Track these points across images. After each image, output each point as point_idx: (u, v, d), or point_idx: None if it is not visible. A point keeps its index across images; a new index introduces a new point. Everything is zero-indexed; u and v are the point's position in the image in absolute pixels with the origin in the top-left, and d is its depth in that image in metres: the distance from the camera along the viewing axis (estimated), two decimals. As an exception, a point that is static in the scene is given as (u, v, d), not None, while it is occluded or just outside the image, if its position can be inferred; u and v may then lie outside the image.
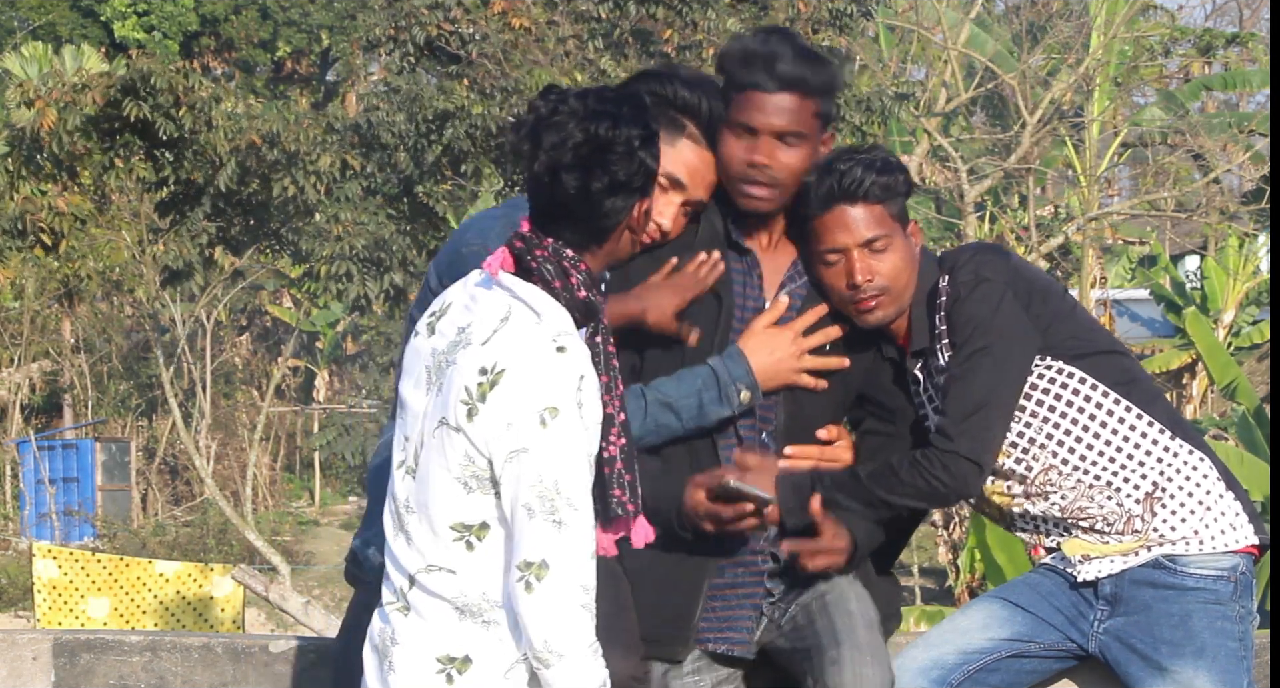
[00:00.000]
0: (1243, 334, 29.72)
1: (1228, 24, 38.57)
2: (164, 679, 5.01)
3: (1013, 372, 4.05)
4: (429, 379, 3.49)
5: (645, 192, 3.51)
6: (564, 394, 3.36)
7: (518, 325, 3.42)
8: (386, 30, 18.18)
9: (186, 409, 27.10)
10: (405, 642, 3.47)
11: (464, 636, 3.43)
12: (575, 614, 3.35)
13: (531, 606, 3.34)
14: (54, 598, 16.52)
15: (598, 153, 3.43)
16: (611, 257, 3.55)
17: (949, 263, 4.12)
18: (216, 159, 18.74)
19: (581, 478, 3.37)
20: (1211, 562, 4.09)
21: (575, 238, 3.49)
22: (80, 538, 25.74)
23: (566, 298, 3.45)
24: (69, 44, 34.46)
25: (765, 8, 18.37)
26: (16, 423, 28.27)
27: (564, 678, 3.35)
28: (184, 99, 18.60)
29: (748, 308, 4.10)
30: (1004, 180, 26.12)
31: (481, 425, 3.37)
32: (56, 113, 19.22)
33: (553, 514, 3.34)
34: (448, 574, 3.43)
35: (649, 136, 3.49)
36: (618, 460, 3.49)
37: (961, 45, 23.70)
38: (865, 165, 4.02)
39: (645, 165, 3.47)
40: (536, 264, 3.46)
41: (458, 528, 3.42)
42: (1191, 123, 26.42)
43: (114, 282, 24.32)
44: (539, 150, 3.45)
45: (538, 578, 3.33)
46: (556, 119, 3.44)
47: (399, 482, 3.52)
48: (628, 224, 3.51)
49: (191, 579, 16.50)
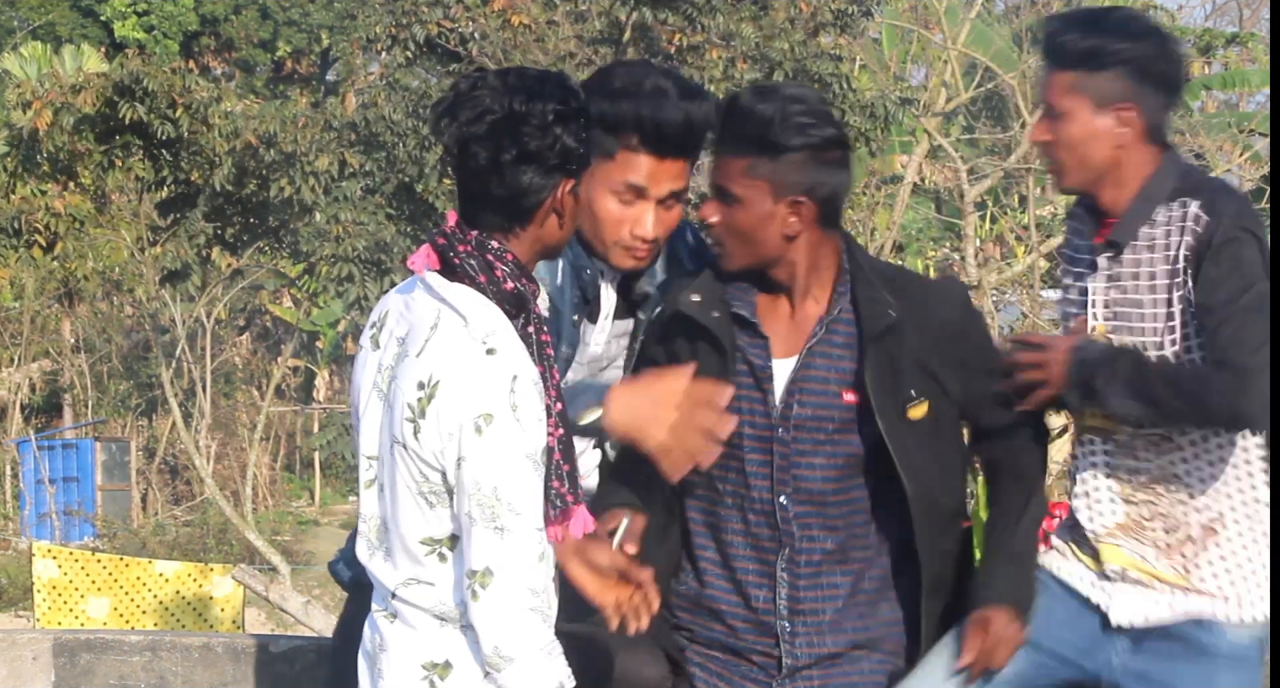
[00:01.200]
0: (1243, 334, 29.68)
1: (1228, 24, 38.58)
2: (164, 679, 5.01)
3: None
4: (379, 395, 3.46)
5: (567, 171, 3.42)
6: (497, 398, 3.31)
7: (446, 333, 3.37)
8: (387, 28, 18.17)
9: (186, 409, 27.07)
10: (393, 649, 3.47)
11: (445, 642, 3.42)
12: (523, 618, 3.32)
13: (479, 613, 3.32)
14: (54, 598, 16.50)
15: (510, 125, 3.36)
16: (541, 243, 3.46)
17: (1203, 193, 3.91)
18: (215, 159, 18.74)
19: (522, 481, 3.32)
20: (1247, 631, 3.95)
21: (497, 221, 3.42)
22: (80, 538, 25.71)
23: (494, 292, 3.39)
24: (69, 44, 34.46)
25: (766, 8, 18.36)
26: (16, 423, 28.25)
27: (516, 681, 3.33)
28: (179, 100, 18.59)
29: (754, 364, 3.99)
30: (1004, 180, 26.10)
31: (426, 440, 3.34)
32: (52, 114, 19.22)
33: (493, 521, 3.30)
34: (426, 587, 3.42)
35: (568, 113, 3.40)
36: (555, 451, 3.43)
37: (964, 44, 23.66)
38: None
39: (562, 141, 3.39)
40: (459, 260, 3.40)
41: (428, 543, 3.41)
42: (1191, 123, 26.40)
43: (114, 282, 24.31)
44: (454, 124, 3.39)
45: (482, 586, 3.31)
46: (475, 94, 3.39)
47: (372, 499, 3.50)
48: (553, 206, 3.43)
49: (191, 579, 16.48)
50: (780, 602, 3.99)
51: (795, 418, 3.96)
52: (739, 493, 4.01)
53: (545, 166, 3.39)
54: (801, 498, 3.96)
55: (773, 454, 3.97)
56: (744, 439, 3.97)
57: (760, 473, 3.98)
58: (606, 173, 4.04)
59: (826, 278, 4.00)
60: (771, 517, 3.98)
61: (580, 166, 3.45)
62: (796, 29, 17.77)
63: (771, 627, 4.00)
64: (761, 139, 3.88)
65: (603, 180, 4.04)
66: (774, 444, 3.97)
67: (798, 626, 3.99)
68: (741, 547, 4.01)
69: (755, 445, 3.98)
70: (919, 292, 4.03)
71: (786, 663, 3.99)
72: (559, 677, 3.36)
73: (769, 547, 3.99)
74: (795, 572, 3.98)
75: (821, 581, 3.99)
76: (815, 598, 3.99)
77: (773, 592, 4.00)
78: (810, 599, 3.99)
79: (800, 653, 3.99)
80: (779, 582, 3.99)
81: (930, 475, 3.95)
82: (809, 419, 3.96)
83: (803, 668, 4.00)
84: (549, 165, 3.39)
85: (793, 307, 4.01)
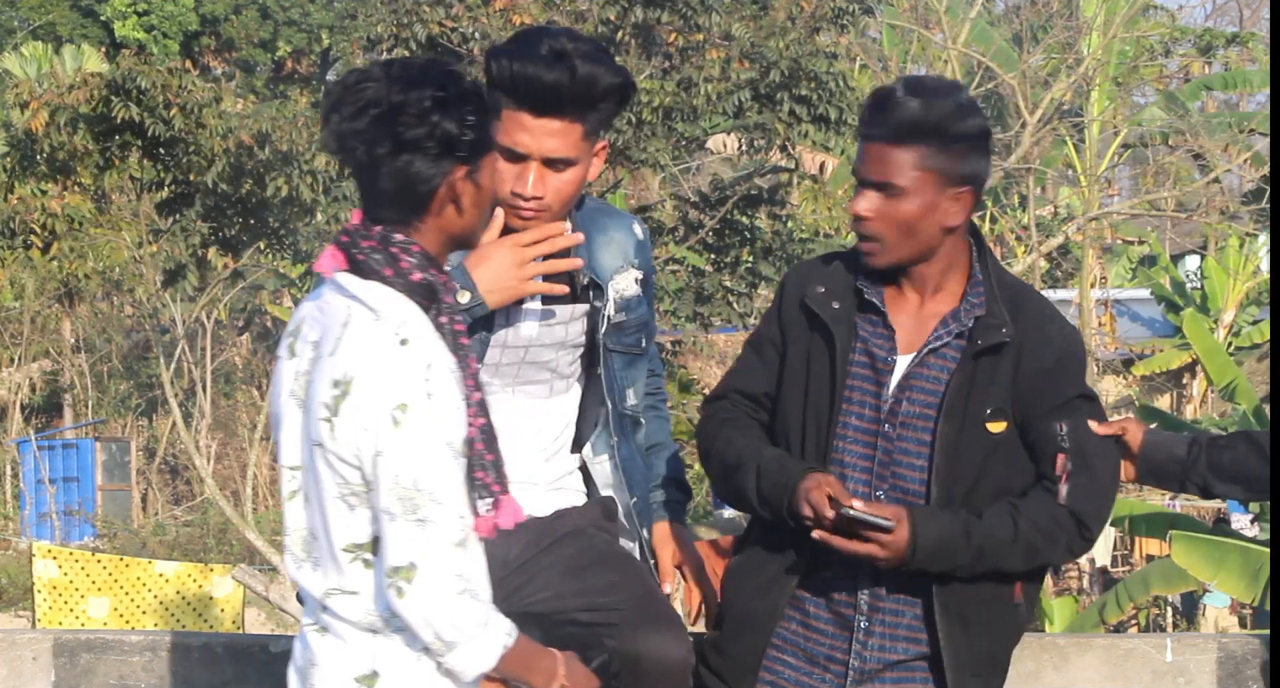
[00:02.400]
0: (1243, 334, 29.72)
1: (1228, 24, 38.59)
2: (164, 679, 5.01)
3: None
4: (296, 402, 3.41)
5: (455, 157, 3.38)
6: (412, 388, 3.27)
7: (357, 328, 3.33)
8: (388, 28, 18.17)
9: (186, 409, 27.08)
10: (323, 664, 3.43)
11: (374, 651, 3.39)
12: (454, 604, 3.29)
13: (408, 610, 3.29)
14: (54, 598, 16.52)
15: (387, 117, 3.34)
16: (445, 233, 3.43)
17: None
18: (212, 158, 18.74)
19: (442, 469, 3.29)
20: None
21: (395, 215, 3.39)
22: (80, 538, 25.73)
23: (402, 284, 3.36)
24: (69, 44, 34.50)
25: (766, 7, 18.37)
26: (16, 423, 28.28)
27: (463, 661, 3.33)
28: (174, 99, 18.59)
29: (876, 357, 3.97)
30: (1004, 180, 26.11)
31: (342, 438, 3.31)
32: (49, 114, 19.23)
33: (414, 513, 3.27)
34: (351, 596, 3.39)
35: (446, 100, 3.35)
36: (477, 441, 3.40)
37: (965, 42, 23.68)
38: None
39: (442, 128, 3.35)
40: (364, 257, 3.37)
41: (350, 549, 3.37)
42: (1192, 123, 26.41)
43: (114, 282, 24.33)
44: (335, 119, 3.37)
45: (407, 581, 3.28)
46: (358, 88, 3.37)
47: (296, 511, 3.45)
48: (448, 195, 3.40)
49: (191, 579, 16.50)
50: (861, 598, 3.96)
51: (903, 414, 3.94)
52: None
53: (429, 155, 3.36)
54: (896, 496, 3.93)
55: (876, 449, 3.95)
56: (849, 431, 3.96)
57: (860, 466, 3.95)
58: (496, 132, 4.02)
59: (958, 278, 4.01)
60: None
61: (473, 153, 3.40)
62: (797, 27, 17.76)
63: (849, 622, 3.97)
64: (936, 129, 3.88)
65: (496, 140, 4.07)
66: (878, 439, 3.95)
67: (875, 625, 3.96)
68: None
69: (858, 438, 3.96)
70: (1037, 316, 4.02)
71: (854, 665, 3.97)
72: (501, 641, 3.34)
73: None
74: (880, 570, 3.94)
75: (901, 582, 3.95)
76: (897, 600, 3.96)
77: (854, 588, 3.97)
78: (892, 600, 3.96)
79: (870, 655, 3.97)
80: (861, 579, 3.96)
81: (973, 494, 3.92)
82: (916, 417, 3.94)
83: (871, 674, 3.97)
84: (432, 154, 3.36)
85: (921, 303, 4.00)
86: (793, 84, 16.89)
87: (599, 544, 4.21)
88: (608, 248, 4.24)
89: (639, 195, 24.47)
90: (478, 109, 3.41)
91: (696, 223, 18.88)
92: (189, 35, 37.36)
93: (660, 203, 21.23)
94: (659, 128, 17.18)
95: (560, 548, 4.18)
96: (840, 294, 3.97)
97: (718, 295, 18.52)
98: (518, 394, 4.20)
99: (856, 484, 3.94)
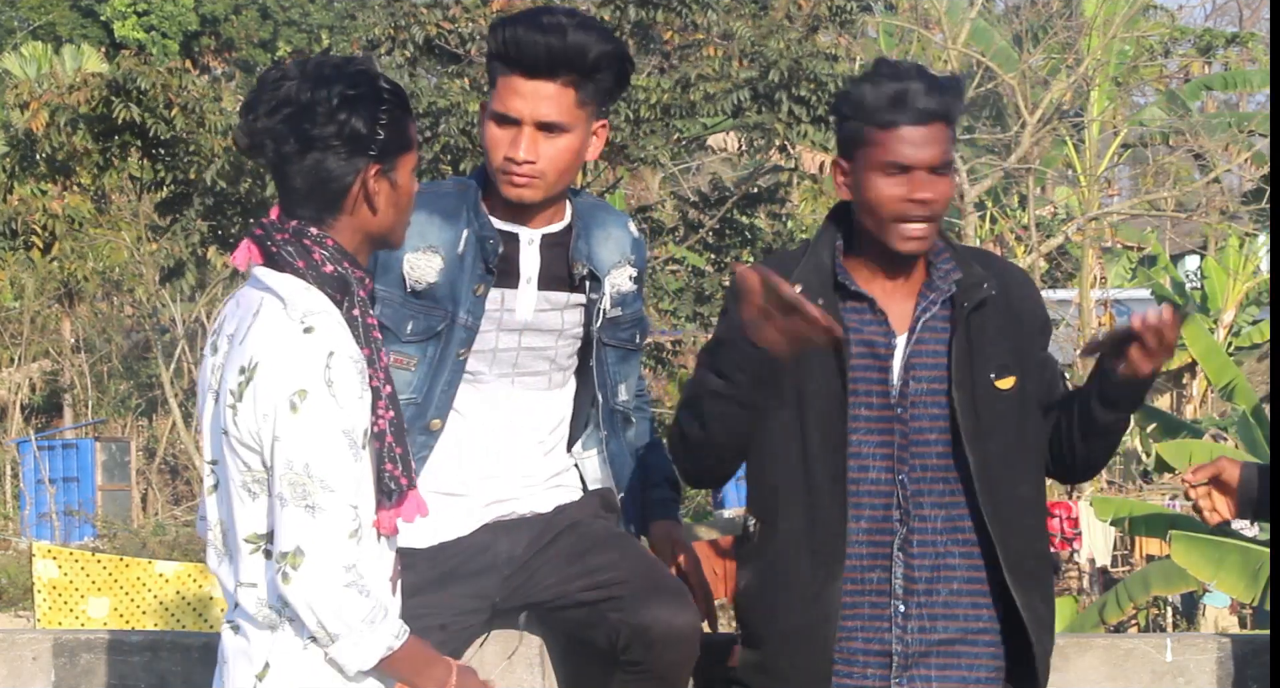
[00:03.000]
0: (1243, 334, 29.70)
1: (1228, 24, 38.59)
2: (164, 679, 5.01)
3: None
4: (213, 394, 3.43)
5: (367, 156, 3.38)
6: (312, 374, 3.28)
7: (266, 316, 3.35)
8: (386, 30, 18.15)
9: (186, 409, 27.05)
10: (231, 661, 3.45)
11: (269, 645, 3.39)
12: (340, 595, 3.28)
13: (293, 595, 3.28)
14: (54, 598, 16.50)
15: (296, 115, 3.34)
16: (362, 231, 3.43)
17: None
18: (211, 157, 18.73)
19: (336, 458, 3.28)
20: None
21: (310, 212, 3.40)
22: (80, 538, 25.70)
23: (314, 276, 3.37)
24: (69, 44, 34.48)
25: (765, 7, 18.36)
26: (16, 423, 28.25)
27: (346, 654, 3.31)
28: (174, 99, 18.59)
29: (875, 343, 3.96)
30: (1004, 180, 26.10)
31: (244, 423, 3.32)
32: (48, 114, 19.23)
33: (304, 499, 3.27)
34: (251, 588, 3.39)
35: (355, 98, 3.35)
36: (387, 434, 3.38)
37: (965, 41, 23.66)
38: None
39: (350, 126, 3.34)
40: (277, 248, 3.39)
41: (252, 540, 3.38)
42: (1192, 123, 26.39)
43: (114, 282, 24.31)
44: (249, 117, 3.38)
45: (293, 567, 3.26)
46: (273, 85, 3.37)
47: (214, 505, 3.46)
48: (361, 193, 3.40)
49: (191, 579, 16.48)
50: (896, 581, 3.95)
51: (912, 395, 3.95)
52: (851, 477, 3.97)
53: (338, 153, 3.36)
54: (917, 476, 3.94)
55: (894, 435, 3.94)
56: (859, 423, 3.95)
57: (879, 454, 3.94)
58: (491, 100, 4.07)
59: None
60: (888, 497, 3.95)
61: (384, 152, 3.39)
62: (795, 25, 17.75)
63: (885, 608, 3.96)
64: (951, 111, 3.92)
65: (489, 108, 4.08)
66: (894, 424, 3.94)
67: (911, 607, 3.95)
68: (853, 531, 3.95)
69: (872, 428, 3.95)
70: (1004, 270, 4.06)
71: (897, 650, 3.95)
72: (387, 641, 3.31)
73: (883, 527, 3.95)
74: (910, 551, 3.94)
75: (937, 561, 3.95)
76: (930, 579, 3.95)
77: (888, 572, 3.95)
78: (925, 580, 3.95)
79: (911, 639, 3.95)
80: (895, 561, 3.95)
81: (1004, 452, 3.94)
82: (924, 395, 3.95)
83: (915, 658, 3.96)
84: (341, 152, 3.36)
85: (892, 282, 3.99)
86: (793, 84, 16.87)
87: (597, 529, 4.22)
88: (605, 243, 4.25)
89: (639, 195, 24.45)
90: (393, 108, 3.40)
91: (696, 223, 18.88)
92: (189, 35, 37.34)
93: (660, 203, 21.23)
94: (657, 125, 17.16)
95: (561, 540, 4.19)
96: (817, 290, 3.94)
97: (718, 295, 18.50)
98: (517, 385, 4.20)
99: (878, 473, 3.94)
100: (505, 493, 4.20)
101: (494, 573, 4.12)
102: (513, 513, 4.21)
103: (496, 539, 4.17)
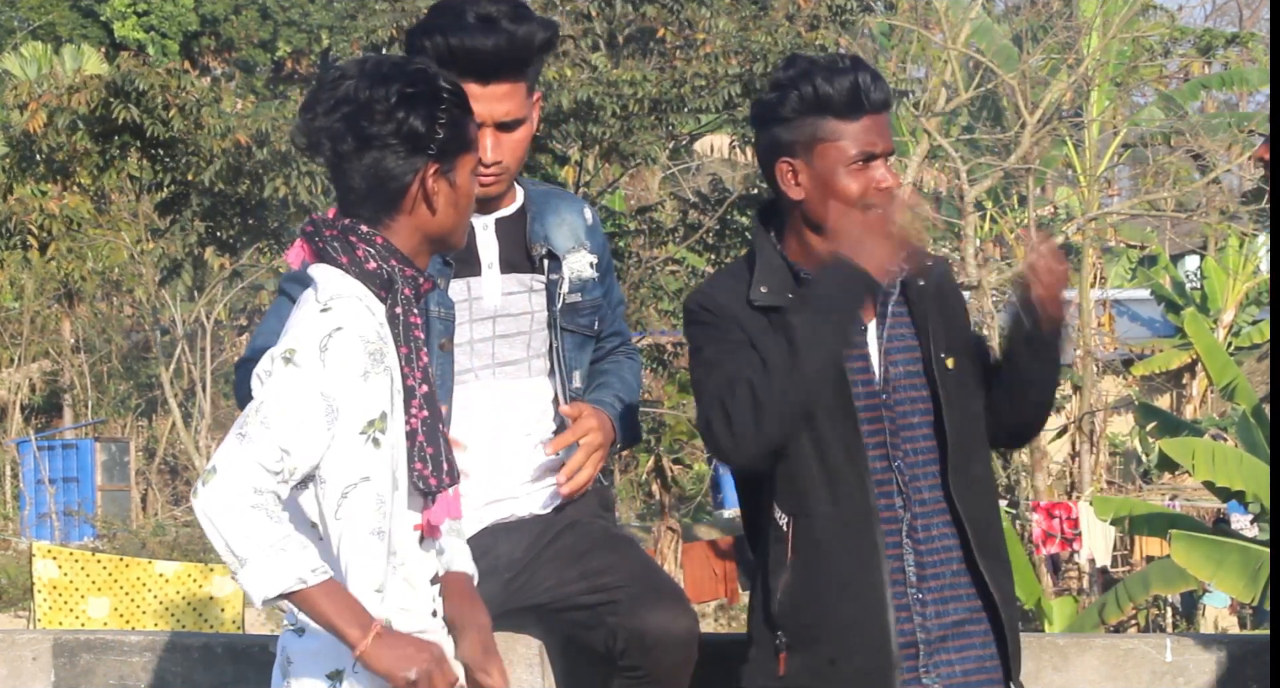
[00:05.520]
0: (1243, 334, 29.73)
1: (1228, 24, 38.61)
2: (164, 679, 5.01)
3: None
4: None
5: (427, 155, 3.38)
6: (309, 340, 3.30)
7: (303, 306, 3.39)
8: (388, 31, 18.17)
9: (186, 409, 27.07)
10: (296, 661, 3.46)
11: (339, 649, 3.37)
12: (246, 515, 3.23)
13: (198, 509, 3.26)
14: (54, 598, 16.50)
15: (354, 114, 3.34)
16: (420, 231, 3.43)
17: None
18: (210, 158, 18.74)
19: (293, 407, 3.26)
20: None
21: (369, 212, 3.40)
22: (80, 538, 25.72)
23: (356, 272, 3.37)
24: (69, 44, 34.49)
25: (765, 7, 18.36)
26: (16, 423, 28.27)
27: (252, 579, 3.25)
28: (173, 100, 18.60)
29: None
30: (1004, 180, 26.11)
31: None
32: (47, 115, 19.25)
33: (241, 427, 3.26)
34: None
35: (413, 96, 3.35)
36: (419, 434, 3.38)
37: (967, 40, 23.66)
38: None
39: (409, 125, 3.34)
40: (323, 244, 3.40)
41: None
42: (1191, 123, 26.40)
43: (113, 282, 24.32)
44: (308, 117, 3.38)
45: (203, 483, 3.24)
46: (333, 85, 3.37)
47: None
48: (420, 193, 3.39)
49: (191, 579, 16.48)
50: (910, 569, 3.95)
51: (894, 379, 3.97)
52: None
53: (396, 152, 3.36)
54: (911, 460, 3.95)
55: (884, 422, 3.95)
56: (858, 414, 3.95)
57: (873, 443, 3.95)
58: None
59: None
60: (889, 485, 3.95)
61: (443, 151, 3.39)
62: (796, 23, 17.75)
63: (903, 597, 3.94)
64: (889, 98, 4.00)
65: None
66: (882, 410, 3.96)
67: (927, 593, 3.95)
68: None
69: (863, 417, 3.95)
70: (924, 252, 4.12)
71: (920, 637, 3.94)
72: (297, 572, 3.24)
73: (889, 516, 3.95)
74: (916, 537, 3.95)
75: (937, 544, 3.97)
76: (936, 563, 3.96)
77: (901, 561, 3.95)
78: (932, 564, 3.96)
79: (932, 625, 3.95)
80: (905, 548, 3.95)
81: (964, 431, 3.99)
82: (904, 377, 3.98)
83: (935, 644, 3.96)
84: (400, 151, 3.36)
85: None
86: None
87: (595, 530, 4.23)
88: (560, 228, 4.27)
89: (639, 196, 24.46)
90: (452, 107, 3.40)
91: (696, 223, 18.88)
92: (189, 36, 37.34)
93: (660, 203, 21.24)
94: (646, 119, 17.16)
95: (560, 540, 4.19)
96: (781, 289, 3.97)
97: (717, 296, 18.50)
98: (498, 376, 4.20)
99: (876, 461, 3.95)
100: (502, 492, 4.20)
101: (495, 577, 4.12)
102: (512, 515, 4.21)
103: (497, 542, 4.17)
